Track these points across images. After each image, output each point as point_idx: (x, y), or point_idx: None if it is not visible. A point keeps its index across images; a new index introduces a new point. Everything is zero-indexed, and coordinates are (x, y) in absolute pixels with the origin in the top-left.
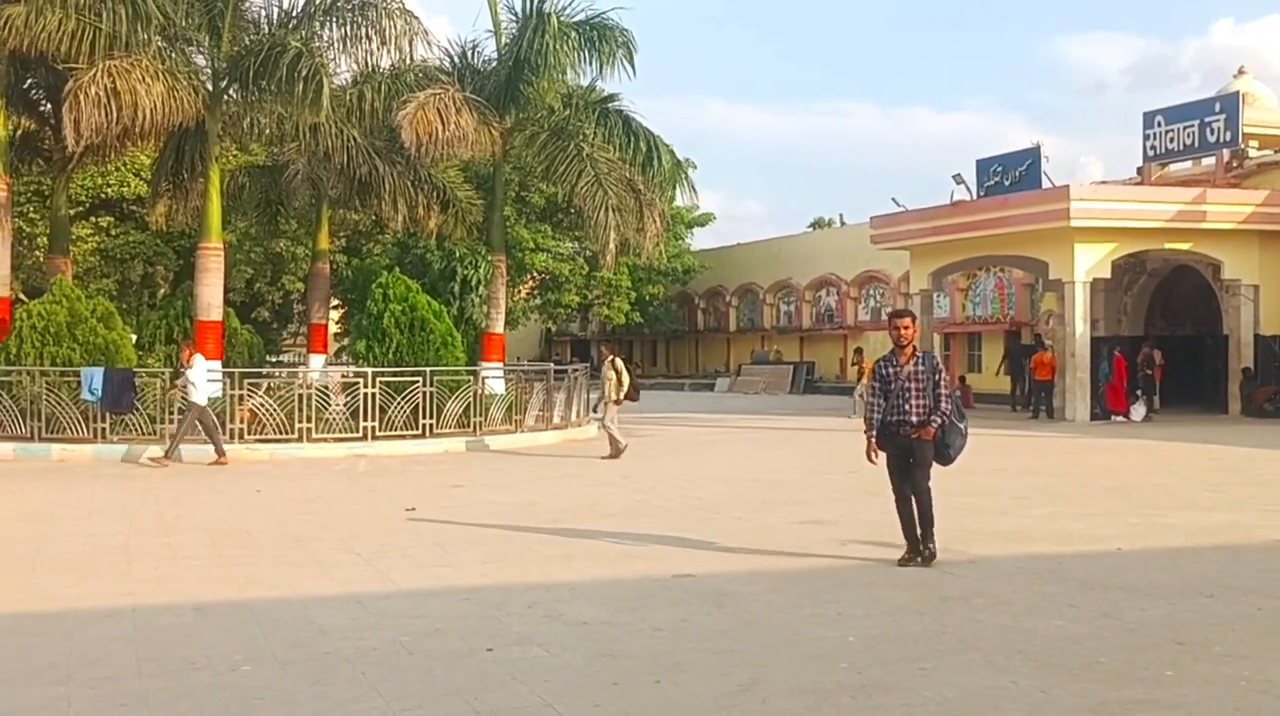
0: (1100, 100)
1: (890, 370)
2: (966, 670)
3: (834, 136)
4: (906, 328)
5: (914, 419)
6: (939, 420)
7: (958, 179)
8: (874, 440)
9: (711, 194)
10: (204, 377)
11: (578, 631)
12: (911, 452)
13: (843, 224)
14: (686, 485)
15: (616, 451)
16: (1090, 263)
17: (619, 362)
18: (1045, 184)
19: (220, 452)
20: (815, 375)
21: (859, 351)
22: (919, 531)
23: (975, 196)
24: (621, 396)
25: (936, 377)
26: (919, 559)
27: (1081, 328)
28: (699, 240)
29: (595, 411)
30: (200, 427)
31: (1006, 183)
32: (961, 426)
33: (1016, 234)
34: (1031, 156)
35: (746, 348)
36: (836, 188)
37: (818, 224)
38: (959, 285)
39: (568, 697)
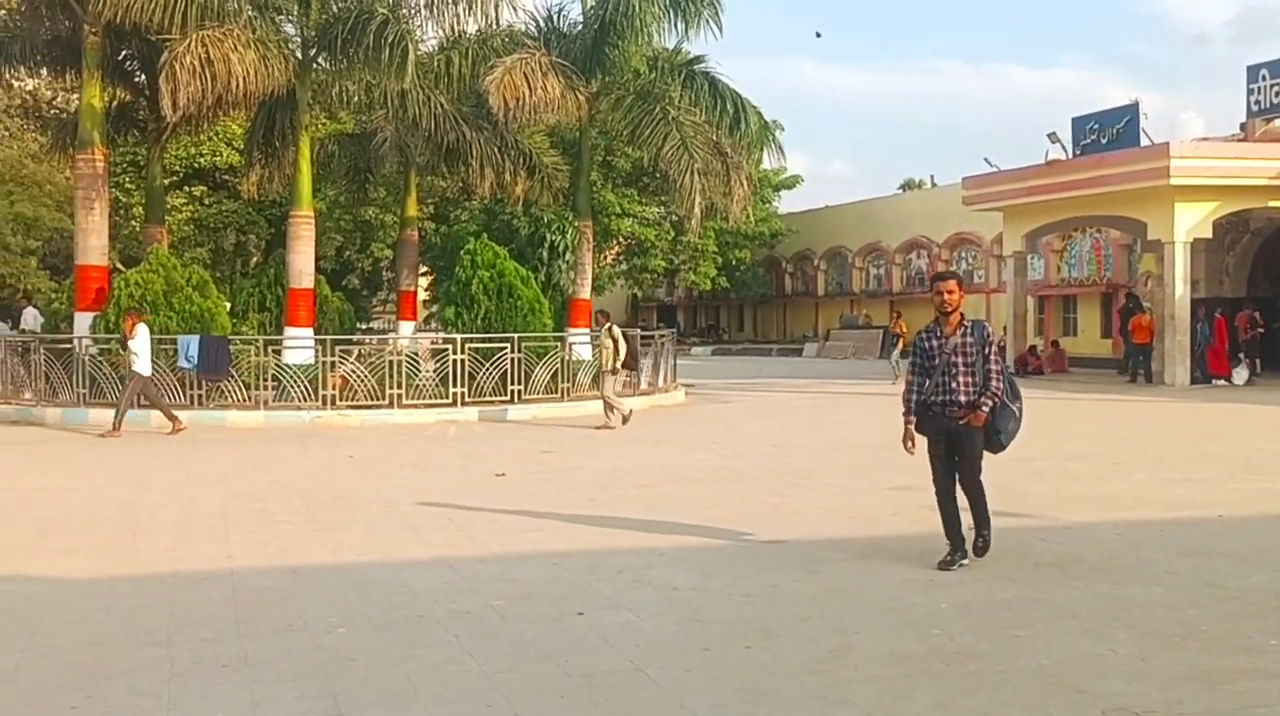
0: (1202, 54)
1: (933, 342)
2: (1062, 638)
3: (924, 95)
4: (951, 292)
5: (961, 399)
6: (990, 402)
7: (1053, 137)
8: (912, 425)
9: (798, 156)
10: (147, 347)
11: (667, 596)
12: (957, 440)
13: (934, 185)
14: (774, 451)
15: (624, 417)
16: (1190, 222)
17: (616, 330)
18: (1144, 142)
19: (173, 419)
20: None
21: (898, 314)
22: (975, 526)
23: (1071, 155)
24: (618, 365)
25: (987, 351)
26: (962, 556)
27: (1181, 289)
28: (786, 203)
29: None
30: (146, 398)
31: (1103, 141)
32: (1015, 407)
33: (1114, 193)
34: (1129, 113)
35: (835, 312)
36: (927, 148)
37: (908, 185)
38: (1054, 247)
39: (658, 662)
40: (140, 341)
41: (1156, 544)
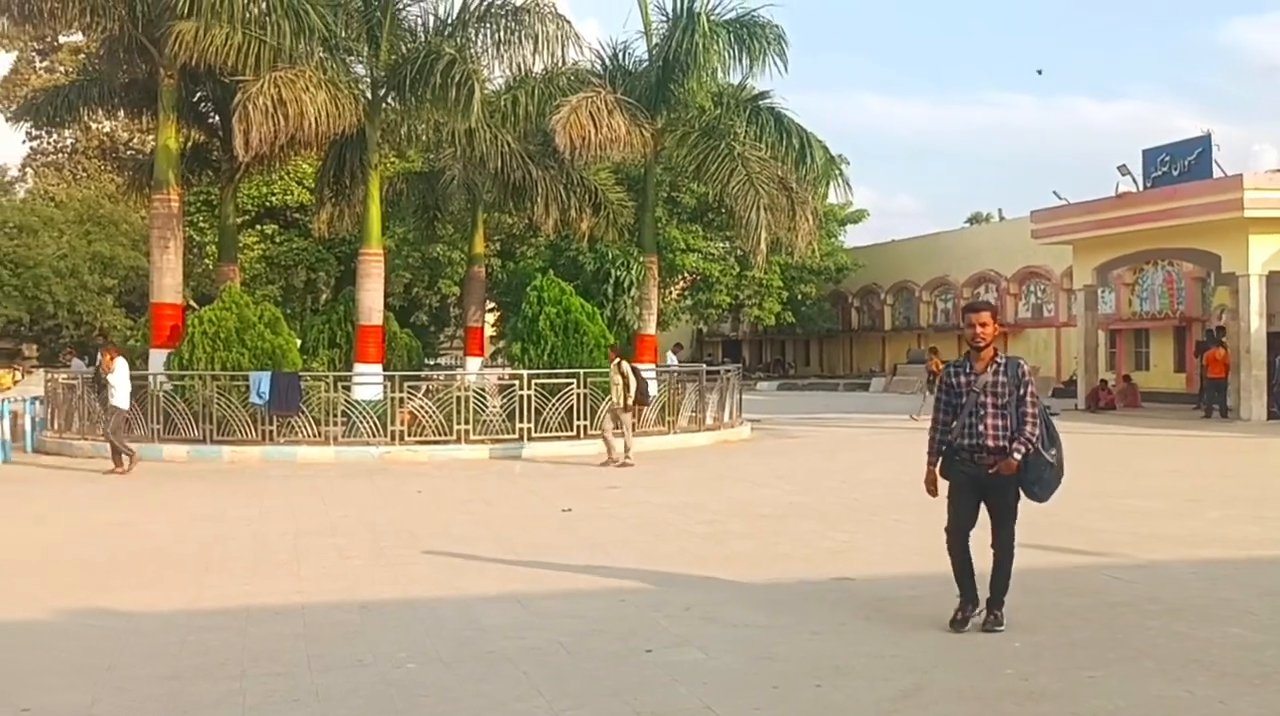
0: (1275, 85)
1: (961, 379)
2: (1138, 679)
3: (990, 129)
4: (984, 325)
5: (990, 443)
6: (1023, 448)
7: (1123, 170)
8: (936, 468)
9: (864, 190)
10: (125, 381)
11: (736, 634)
12: (987, 490)
13: (1002, 218)
14: (843, 486)
15: (609, 459)
16: (1266, 254)
17: (625, 367)
18: (1216, 173)
19: (118, 463)
20: None
21: (934, 349)
22: (989, 590)
23: (1141, 188)
24: (631, 402)
25: (1022, 391)
26: (974, 609)
27: (1257, 323)
28: (852, 237)
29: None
30: (107, 430)
31: (1175, 173)
32: (1051, 455)
33: (1186, 226)
34: (1201, 145)
35: (902, 346)
36: (994, 181)
37: (975, 219)
38: (1125, 280)
39: (727, 700)
40: (119, 375)
41: (1234, 583)
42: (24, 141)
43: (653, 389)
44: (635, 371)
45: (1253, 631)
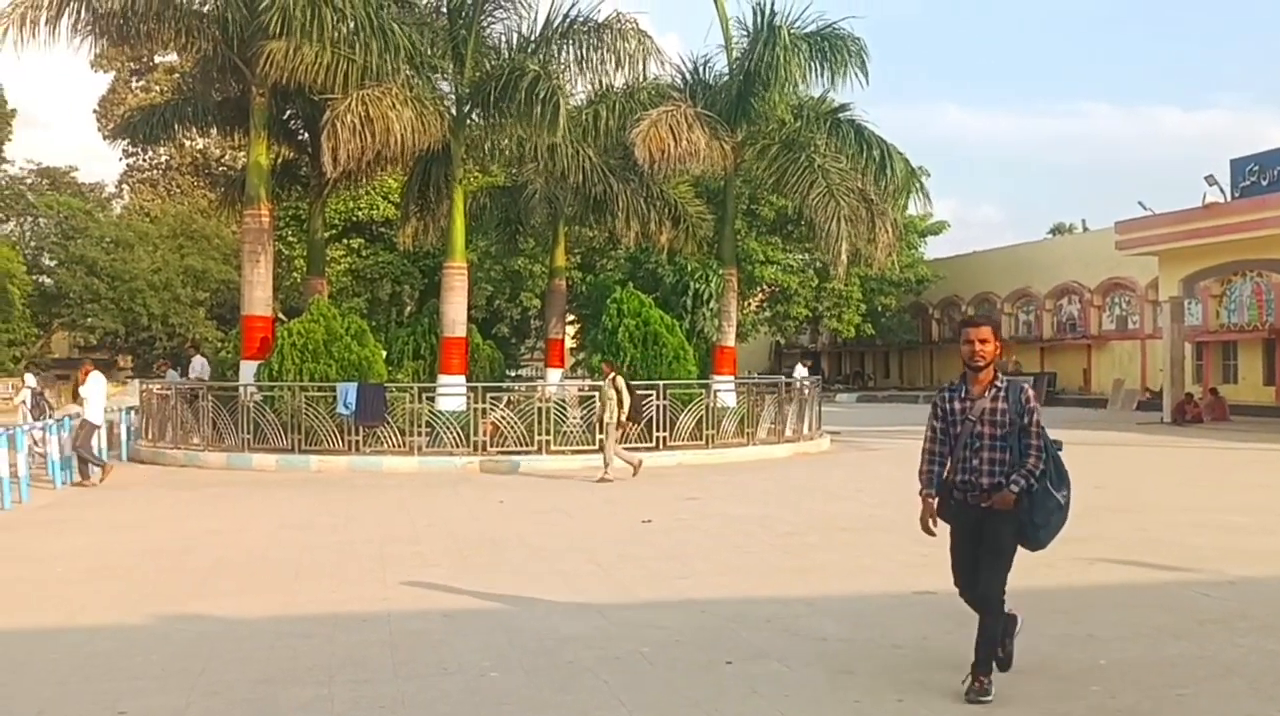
0: None
1: (956, 405)
2: (1229, 698)
3: (1073, 139)
4: (984, 342)
5: (984, 482)
6: (1022, 482)
7: (1210, 180)
8: (935, 501)
9: (944, 201)
10: (99, 395)
11: (817, 647)
12: (979, 530)
13: (1085, 229)
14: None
15: (604, 476)
16: None
17: (620, 382)
18: None
19: (85, 477)
20: (1057, 387)
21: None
22: (974, 650)
23: (1229, 198)
24: (623, 418)
25: (1026, 420)
26: (998, 667)
27: None
28: (932, 249)
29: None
30: (76, 443)
31: (1264, 182)
32: (1061, 496)
33: (1276, 236)
34: None
35: None
36: (1078, 192)
37: (1058, 229)
38: (1212, 291)
39: (808, 714)
40: (91, 388)
41: None
42: (121, 158)
43: (731, 401)
44: (630, 388)
45: None
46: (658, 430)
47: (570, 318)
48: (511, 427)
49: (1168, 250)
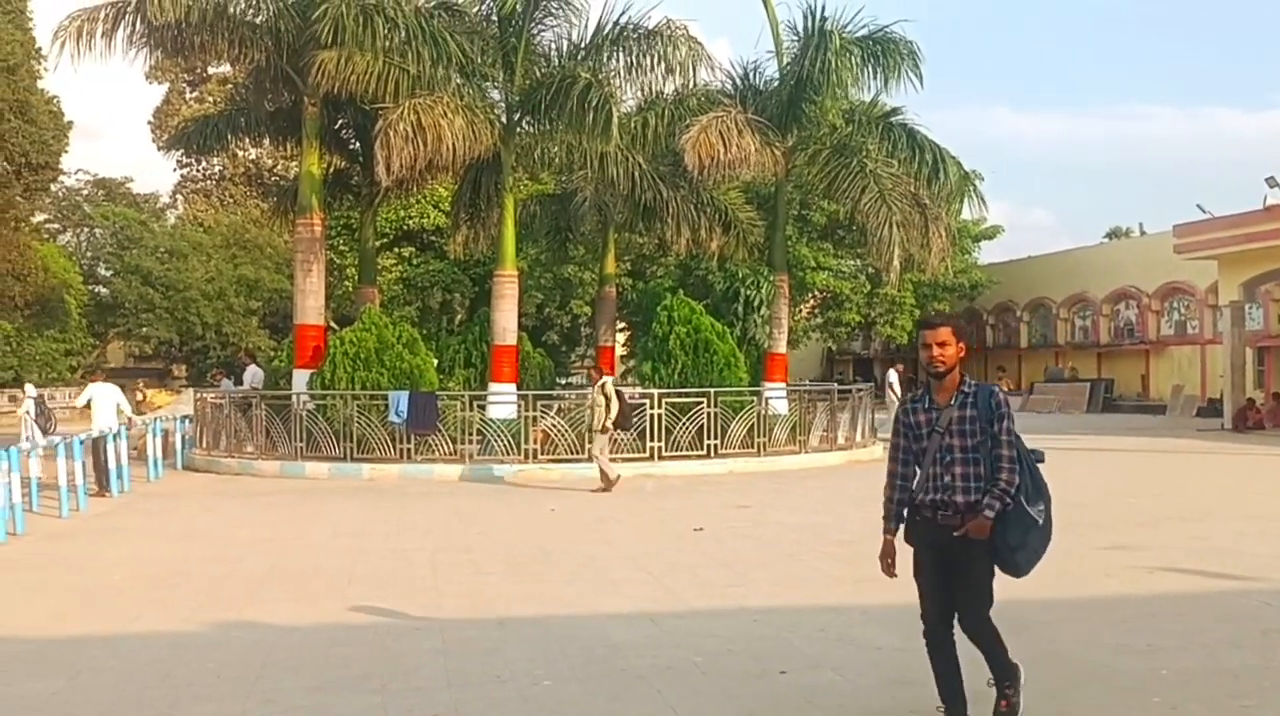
0: None
1: (921, 416)
2: None
3: (1130, 141)
4: (944, 345)
5: (959, 499)
6: (998, 503)
7: (1271, 182)
8: (896, 533)
9: (998, 205)
10: (102, 404)
11: (871, 656)
12: (953, 560)
13: (1142, 233)
14: None
15: (608, 483)
16: None
17: (609, 387)
18: None
19: (103, 489)
20: (1114, 393)
21: (1001, 371)
22: (994, 680)
23: None
24: (609, 424)
25: (997, 427)
26: (1010, 699)
27: None
28: (986, 254)
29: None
30: (90, 455)
31: None
32: (1036, 512)
33: None
34: None
35: (1039, 364)
36: (1134, 195)
37: (1114, 233)
38: (1274, 295)
39: None
40: (91, 397)
41: None
42: (175, 169)
43: (782, 408)
44: (620, 395)
45: None
46: (708, 438)
47: (620, 325)
48: (562, 436)
49: (1227, 254)
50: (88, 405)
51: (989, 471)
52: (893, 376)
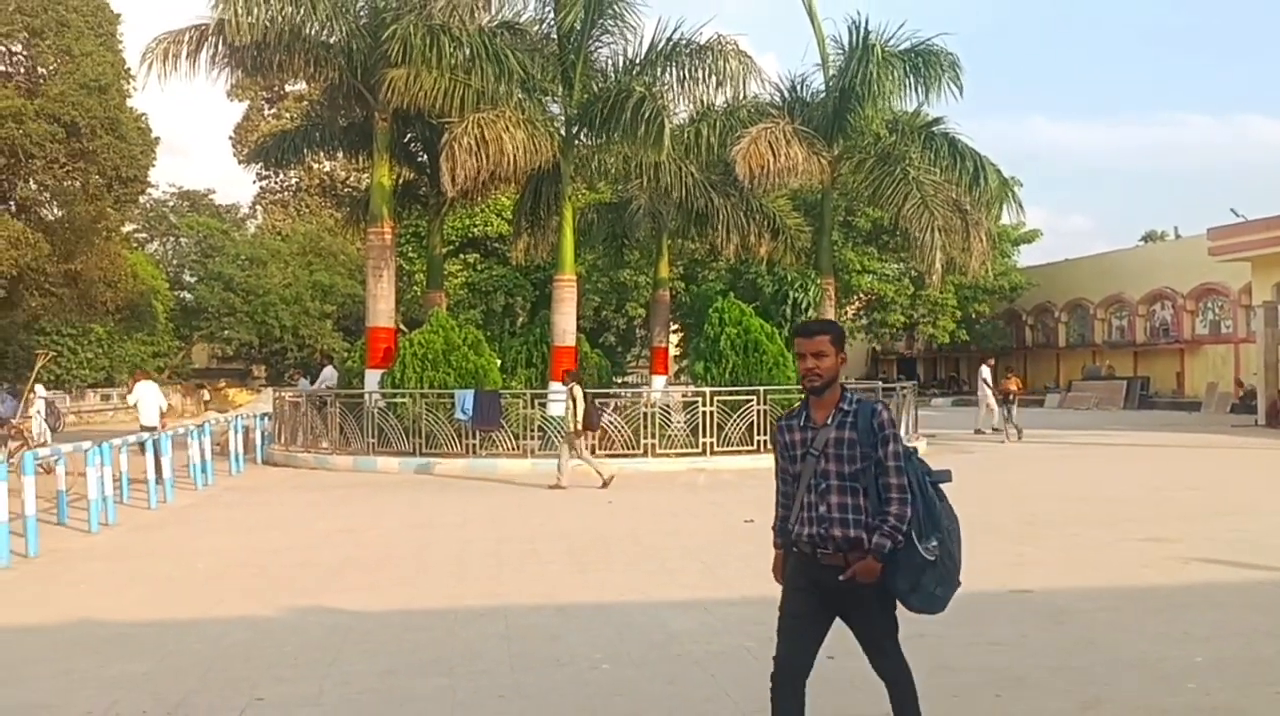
0: None
1: (795, 436)
2: None
3: (1164, 147)
4: (821, 354)
5: (836, 532)
6: (887, 541)
7: None
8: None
9: (1036, 210)
10: (148, 401)
11: (914, 643)
12: (837, 604)
13: (1177, 236)
14: (1018, 500)
15: (557, 483)
16: None
17: (577, 390)
18: None
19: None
20: (1150, 390)
21: (1009, 370)
22: None
23: None
24: (578, 426)
25: (881, 451)
26: None
27: None
28: (1025, 257)
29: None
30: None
31: None
32: (927, 549)
33: None
34: None
35: (1077, 363)
36: (1168, 199)
37: (1149, 237)
38: None
39: None
40: (137, 395)
41: None
42: (254, 181)
43: None
44: (587, 397)
45: None
46: (758, 433)
47: (674, 327)
48: (619, 432)
49: (1260, 256)
50: (135, 403)
51: (874, 502)
52: (985, 372)
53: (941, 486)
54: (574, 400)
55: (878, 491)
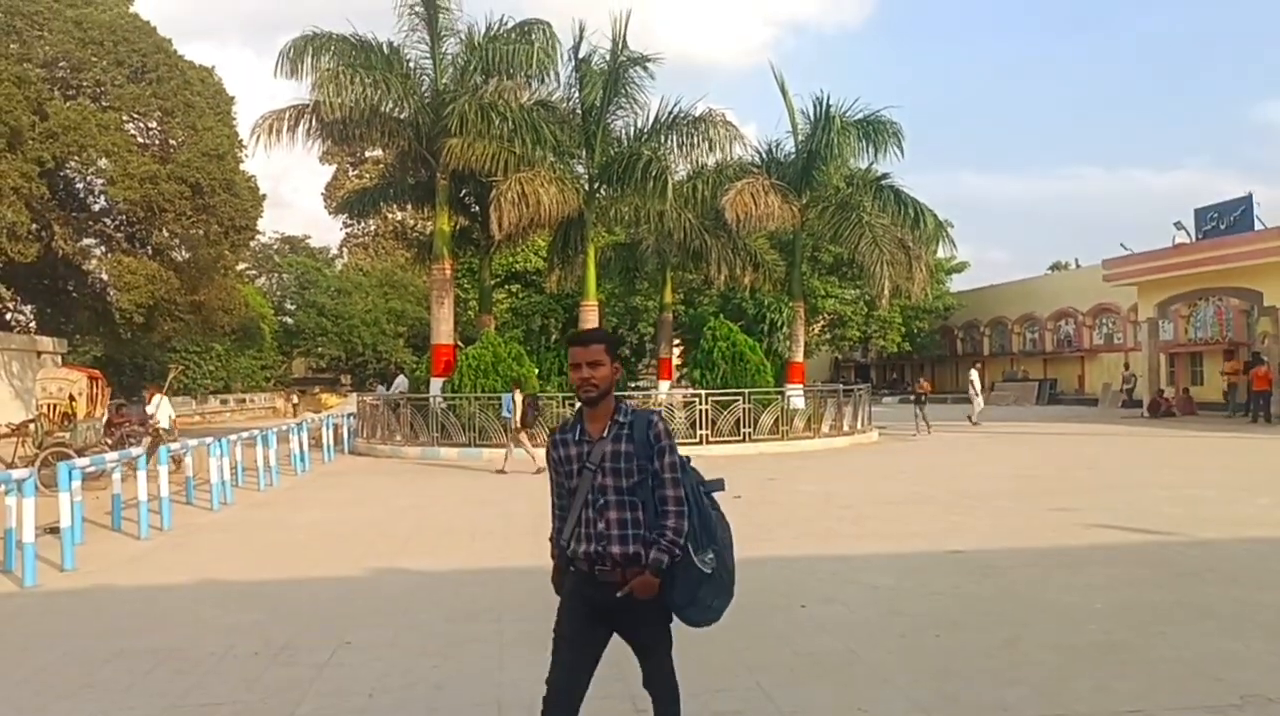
0: None
1: (570, 450)
2: (1203, 636)
3: (1067, 195)
4: (596, 364)
5: (615, 549)
6: (664, 558)
7: (1178, 225)
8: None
9: (965, 245)
10: (164, 412)
11: (872, 593)
12: (613, 620)
13: (1078, 266)
14: (953, 479)
15: (501, 468)
16: None
17: (518, 394)
18: (1258, 226)
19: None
20: (1057, 389)
21: (920, 375)
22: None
23: (1194, 239)
24: (517, 424)
25: (657, 463)
26: None
27: None
28: (956, 283)
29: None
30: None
31: (1222, 226)
32: (707, 560)
33: (1233, 269)
34: (1244, 204)
35: (998, 368)
36: (1071, 236)
37: (1056, 266)
38: (1181, 313)
39: (866, 646)
40: (154, 407)
41: None
42: (341, 229)
43: (800, 403)
44: (526, 400)
45: None
46: (744, 426)
47: (676, 341)
48: None
49: (1145, 282)
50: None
51: (651, 515)
52: (974, 374)
53: (716, 495)
54: (515, 403)
55: (655, 503)
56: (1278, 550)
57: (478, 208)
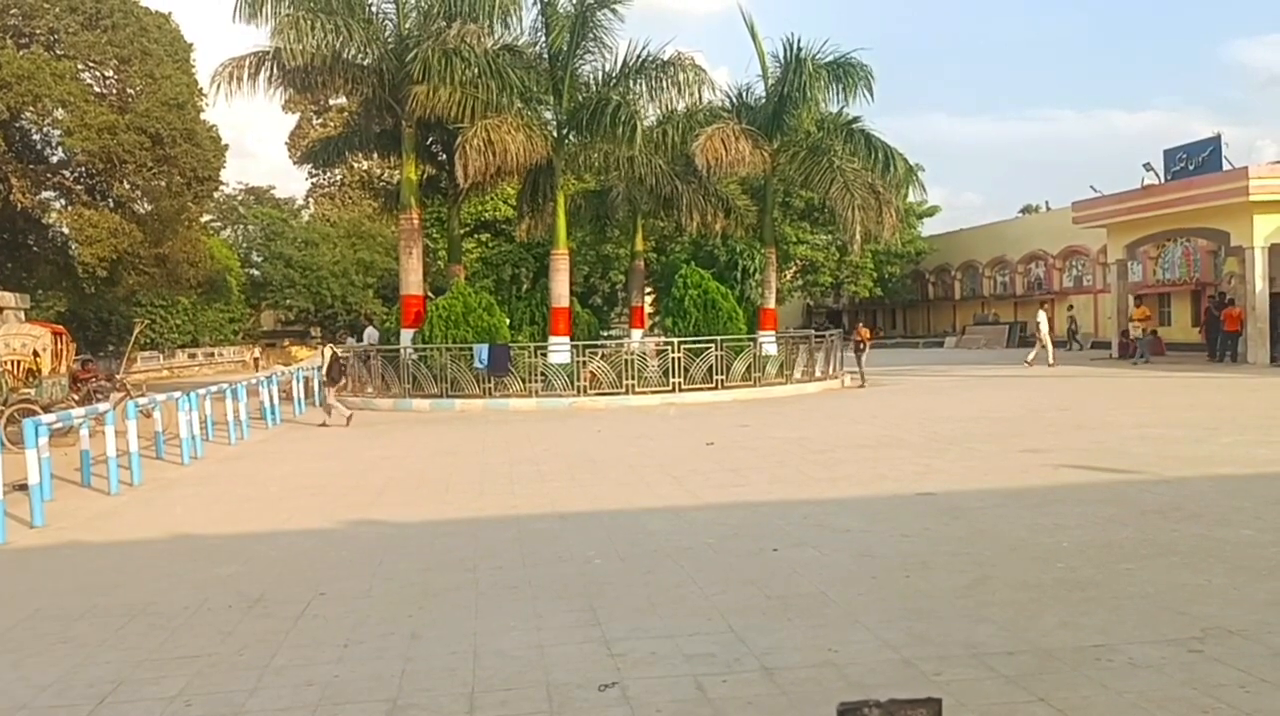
0: (1275, 93)
1: None
2: (1167, 570)
3: (1039, 137)
4: None
5: None
6: None
7: (1147, 167)
8: None
9: (937, 189)
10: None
11: (843, 537)
12: None
13: (1048, 208)
14: (924, 422)
15: (325, 422)
16: (1268, 230)
17: (327, 351)
18: (1225, 167)
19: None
20: (1027, 332)
21: (860, 323)
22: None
23: (1163, 180)
24: (326, 379)
25: None
26: None
27: (1261, 285)
28: (928, 228)
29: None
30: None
31: (1191, 168)
32: None
33: (1201, 210)
34: (1213, 144)
35: (969, 312)
36: (1042, 179)
37: (1027, 209)
38: (1150, 254)
39: (837, 587)
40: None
41: (1245, 494)
42: (306, 179)
43: (772, 350)
44: (333, 357)
45: (1261, 532)
46: (716, 374)
47: (648, 289)
48: (605, 375)
49: (1114, 223)
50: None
51: None
52: (1041, 317)
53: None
54: (324, 359)
55: None
56: (1240, 487)
57: (445, 156)
